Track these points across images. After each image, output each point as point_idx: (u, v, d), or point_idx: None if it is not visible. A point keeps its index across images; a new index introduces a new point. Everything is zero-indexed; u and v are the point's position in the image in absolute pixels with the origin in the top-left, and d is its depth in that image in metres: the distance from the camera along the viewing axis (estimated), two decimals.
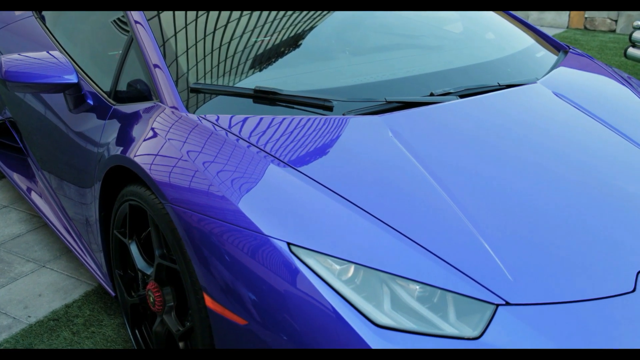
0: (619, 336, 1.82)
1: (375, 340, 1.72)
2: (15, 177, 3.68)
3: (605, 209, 2.16)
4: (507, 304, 1.81)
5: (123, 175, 2.47)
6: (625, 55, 5.64)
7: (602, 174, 2.32)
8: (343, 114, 2.40)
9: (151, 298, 2.32)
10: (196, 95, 2.50)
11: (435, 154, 2.26)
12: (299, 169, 2.10)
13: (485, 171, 2.23)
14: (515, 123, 2.52)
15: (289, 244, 1.86)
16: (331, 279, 1.80)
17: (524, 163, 2.30)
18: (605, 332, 1.81)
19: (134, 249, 2.44)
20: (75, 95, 2.78)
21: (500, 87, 2.68)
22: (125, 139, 2.45)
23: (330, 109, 2.41)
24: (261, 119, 2.35)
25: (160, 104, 2.47)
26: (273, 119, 2.35)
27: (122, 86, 2.71)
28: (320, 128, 2.33)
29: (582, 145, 2.47)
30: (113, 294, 2.70)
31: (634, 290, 1.92)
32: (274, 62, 2.82)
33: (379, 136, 2.29)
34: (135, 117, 2.51)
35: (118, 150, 2.43)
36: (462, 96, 2.58)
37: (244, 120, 2.34)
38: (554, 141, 2.45)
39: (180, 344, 2.24)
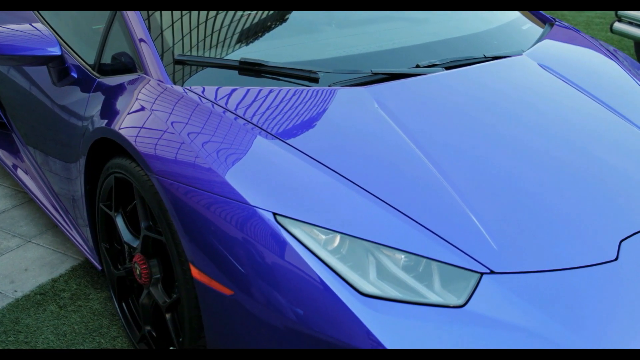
0: (601, 304, 1.84)
1: (361, 309, 1.73)
2: (0, 152, 3.65)
3: (589, 180, 2.18)
4: (492, 272, 1.83)
5: (108, 148, 2.46)
6: (611, 30, 5.64)
7: (586, 146, 2.34)
8: (329, 86, 2.40)
9: (137, 270, 2.33)
10: (181, 67, 2.48)
11: (420, 124, 2.26)
12: (285, 140, 2.10)
13: (469, 143, 2.23)
14: (500, 95, 2.53)
15: (274, 214, 1.86)
16: (317, 248, 1.81)
17: (508, 135, 2.31)
18: (587, 300, 1.84)
19: (119, 221, 2.43)
20: (59, 68, 2.76)
21: (486, 59, 2.68)
22: (110, 112, 2.43)
23: (316, 80, 2.40)
24: (247, 90, 2.34)
25: (145, 76, 2.46)
26: (259, 90, 2.34)
27: (107, 59, 2.69)
28: (306, 99, 2.33)
29: (566, 118, 2.48)
30: (99, 267, 2.70)
31: (616, 259, 1.95)
32: (260, 35, 2.80)
33: (365, 107, 2.29)
34: (119, 89, 2.49)
35: (103, 122, 2.41)
36: (448, 68, 2.58)
37: (230, 91, 2.33)
38: (538, 113, 2.46)
39: (167, 316, 2.25)
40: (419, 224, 1.89)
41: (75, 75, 2.77)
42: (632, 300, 1.87)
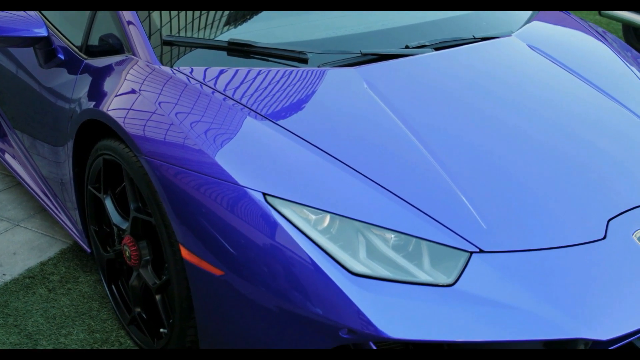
0: (589, 282, 1.85)
1: (351, 288, 1.74)
2: None
3: (577, 161, 2.19)
4: (481, 251, 1.84)
5: (96, 131, 2.45)
6: (599, 13, 5.65)
7: (574, 127, 2.35)
8: (318, 66, 2.39)
9: (127, 252, 2.32)
10: (170, 48, 2.47)
11: (409, 105, 2.26)
12: (274, 120, 2.09)
13: (458, 123, 2.24)
14: (488, 76, 2.53)
15: (264, 194, 1.86)
16: (307, 228, 1.81)
17: (497, 117, 2.31)
18: (576, 278, 1.85)
19: (109, 203, 2.43)
20: (46, 49, 2.73)
21: (475, 40, 2.68)
22: (97, 93, 2.41)
23: (305, 61, 2.39)
24: (236, 71, 2.33)
25: (133, 57, 2.44)
26: (248, 71, 2.33)
27: (94, 40, 2.66)
28: (295, 80, 2.32)
29: (554, 99, 2.48)
30: (89, 250, 2.69)
31: (604, 238, 1.96)
32: (249, 17, 2.78)
33: (354, 87, 2.29)
34: (107, 70, 2.47)
35: (91, 104, 2.40)
36: (437, 49, 2.58)
37: (219, 72, 2.32)
38: (526, 94, 2.46)
39: (157, 297, 2.25)
40: (409, 203, 1.89)
41: (62, 57, 2.74)
42: (620, 277, 1.88)
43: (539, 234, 1.92)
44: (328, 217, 1.83)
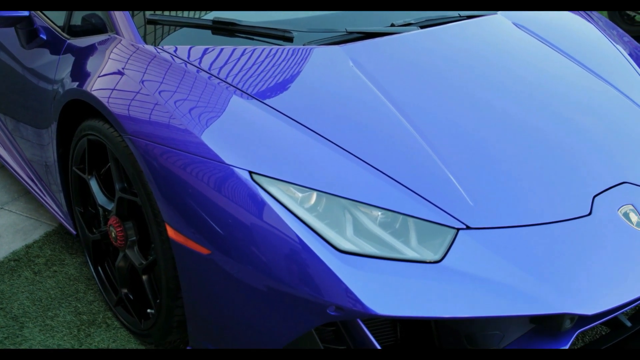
0: (575, 257, 1.86)
1: (338, 266, 1.73)
2: None
3: (563, 138, 2.20)
4: (468, 228, 1.84)
5: (80, 112, 2.42)
6: None
7: (559, 104, 2.35)
8: (303, 45, 2.37)
9: (113, 233, 2.31)
10: (153, 27, 2.44)
11: (394, 83, 2.25)
12: (260, 99, 2.08)
13: (444, 101, 2.23)
14: (474, 54, 2.52)
15: (250, 172, 1.85)
16: (294, 206, 1.80)
17: (483, 95, 2.31)
18: (562, 253, 1.86)
19: (94, 184, 2.41)
20: (28, 29, 2.70)
21: (461, 18, 2.67)
22: (81, 73, 2.39)
23: (290, 39, 2.38)
24: (221, 49, 2.31)
25: (117, 36, 2.41)
26: (234, 49, 2.31)
27: (77, 20, 2.63)
28: (281, 58, 2.30)
29: (540, 77, 2.49)
30: (74, 232, 2.67)
31: (590, 214, 1.97)
32: None
33: (340, 66, 2.28)
34: (90, 50, 2.44)
35: (74, 84, 2.37)
36: (423, 27, 2.57)
37: (204, 51, 2.29)
38: (513, 72, 2.46)
39: (144, 278, 2.24)
40: (395, 180, 1.89)
41: (45, 37, 2.71)
42: (606, 253, 1.90)
43: (525, 211, 1.93)
44: (315, 194, 1.83)
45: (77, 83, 2.35)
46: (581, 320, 1.92)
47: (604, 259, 1.89)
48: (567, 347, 1.87)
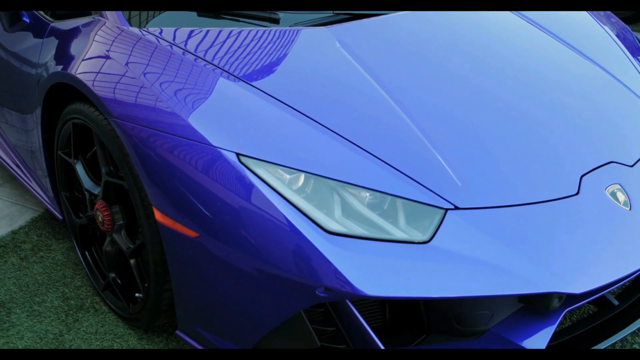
0: (563, 237, 1.87)
1: (327, 247, 1.72)
2: None
3: (550, 118, 2.20)
4: (456, 208, 1.84)
5: (64, 95, 2.40)
6: None
7: (547, 85, 2.35)
8: (290, 26, 2.36)
9: (100, 218, 2.29)
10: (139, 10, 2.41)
11: (381, 63, 2.24)
12: (247, 81, 2.06)
13: (431, 82, 2.23)
14: (461, 35, 2.52)
15: (238, 154, 1.83)
16: (281, 188, 1.79)
17: (471, 77, 2.30)
18: (550, 233, 1.86)
19: (79, 168, 2.39)
20: (10, 12, 2.66)
21: None
22: (65, 56, 2.36)
23: (276, 21, 2.36)
24: (207, 31, 2.29)
25: (101, 18, 2.38)
26: (220, 31, 2.29)
27: None
28: (267, 40, 2.29)
29: (527, 56, 2.48)
30: (60, 217, 2.66)
31: (577, 193, 1.97)
32: None
33: (327, 47, 2.26)
34: (74, 33, 2.42)
35: (58, 68, 2.34)
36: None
37: (189, 33, 2.27)
38: (500, 53, 2.46)
39: (132, 261, 2.23)
40: (383, 161, 1.88)
41: (28, 20, 2.68)
42: (593, 232, 1.90)
43: (513, 191, 1.93)
44: (302, 176, 1.82)
45: (61, 66, 2.33)
46: (569, 299, 1.93)
47: (591, 238, 1.89)
48: (555, 325, 1.88)
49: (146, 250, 2.08)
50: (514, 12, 2.69)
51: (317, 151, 1.88)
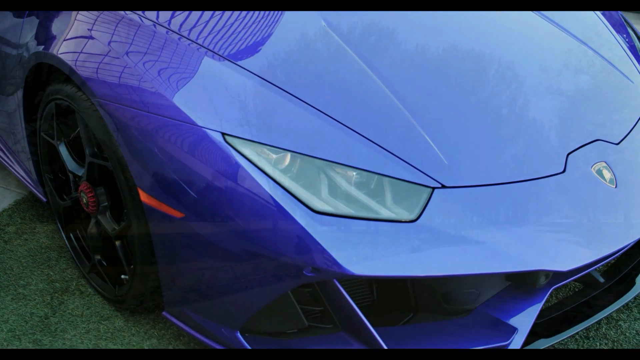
0: (549, 214, 1.87)
1: (314, 226, 1.72)
2: None
3: (537, 97, 2.19)
4: (443, 186, 1.84)
5: (46, 76, 2.36)
6: None
7: (534, 64, 2.34)
8: None
9: (84, 199, 2.27)
10: None
11: (368, 43, 2.22)
12: (232, 60, 2.04)
13: (419, 61, 2.22)
14: (449, 15, 2.50)
15: (223, 134, 1.82)
16: (268, 167, 1.78)
17: (457, 55, 2.29)
18: (536, 211, 1.87)
19: (63, 150, 2.36)
20: None
21: None
22: (46, 36, 2.32)
23: None
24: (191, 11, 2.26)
25: None
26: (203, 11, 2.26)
27: None
28: (252, 19, 2.26)
29: (515, 35, 2.48)
30: (44, 199, 2.63)
31: (564, 171, 1.98)
32: None
33: (312, 26, 2.24)
34: (55, 11, 2.37)
35: (39, 48, 2.31)
36: None
37: (172, 12, 2.24)
38: (487, 35, 2.45)
39: (117, 243, 2.21)
40: (370, 140, 1.87)
41: None
42: (579, 210, 1.91)
43: (500, 169, 1.93)
44: (289, 155, 1.81)
45: (42, 46, 2.29)
46: (556, 276, 1.94)
47: (578, 215, 1.90)
48: (542, 302, 1.89)
49: (131, 231, 2.06)
50: None
51: (303, 130, 1.87)
